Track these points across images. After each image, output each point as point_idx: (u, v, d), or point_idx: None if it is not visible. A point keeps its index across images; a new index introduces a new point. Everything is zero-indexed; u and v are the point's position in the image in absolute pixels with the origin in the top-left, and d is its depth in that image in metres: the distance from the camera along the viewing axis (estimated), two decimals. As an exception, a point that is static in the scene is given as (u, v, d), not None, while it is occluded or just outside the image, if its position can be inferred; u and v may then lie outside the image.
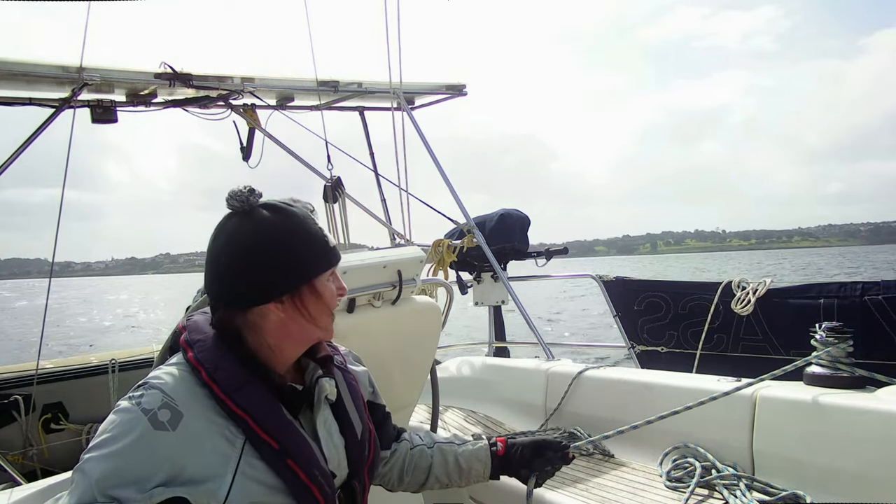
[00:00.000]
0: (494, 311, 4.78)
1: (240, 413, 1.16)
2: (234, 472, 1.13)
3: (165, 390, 1.14)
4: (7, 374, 3.58)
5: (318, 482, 1.21)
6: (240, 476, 1.13)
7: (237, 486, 1.12)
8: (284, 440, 1.18)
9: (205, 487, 1.10)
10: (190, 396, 1.15)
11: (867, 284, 3.39)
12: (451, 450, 1.61)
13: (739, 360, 3.75)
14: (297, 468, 1.18)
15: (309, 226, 1.27)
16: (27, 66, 3.25)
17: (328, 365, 1.37)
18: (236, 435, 1.15)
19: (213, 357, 1.20)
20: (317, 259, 1.27)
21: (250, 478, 1.14)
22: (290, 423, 1.21)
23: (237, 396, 1.16)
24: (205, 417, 1.14)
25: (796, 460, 2.05)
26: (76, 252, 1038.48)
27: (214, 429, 1.14)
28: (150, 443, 1.08)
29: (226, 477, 1.12)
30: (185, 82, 3.65)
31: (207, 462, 1.11)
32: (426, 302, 2.23)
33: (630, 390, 2.60)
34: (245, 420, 1.16)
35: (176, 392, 1.14)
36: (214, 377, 1.17)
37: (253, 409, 1.17)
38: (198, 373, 1.18)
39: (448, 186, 4.26)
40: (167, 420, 1.10)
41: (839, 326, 2.14)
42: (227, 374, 1.18)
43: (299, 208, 1.29)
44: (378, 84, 4.40)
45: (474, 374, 3.39)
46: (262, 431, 1.16)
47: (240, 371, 1.20)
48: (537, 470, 1.60)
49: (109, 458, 1.07)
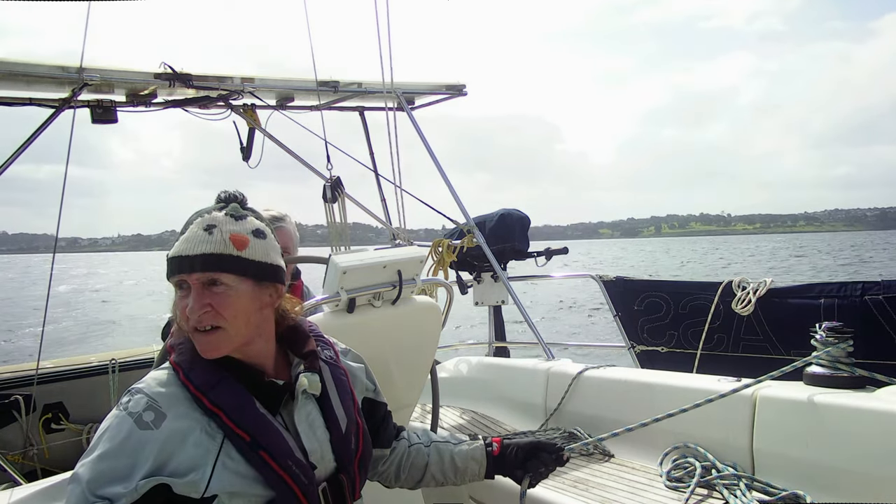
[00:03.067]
0: (494, 311, 4.78)
1: (214, 409, 1.22)
2: (213, 464, 1.20)
3: (149, 393, 1.23)
4: (7, 374, 3.59)
5: (293, 472, 1.25)
6: (219, 468, 1.20)
7: (216, 477, 1.19)
8: (256, 433, 1.23)
9: (187, 479, 1.17)
10: (172, 397, 1.23)
11: (867, 284, 3.39)
12: (447, 448, 1.64)
13: (740, 359, 3.75)
14: (270, 459, 1.23)
15: (186, 227, 1.29)
16: (27, 66, 3.25)
17: (311, 360, 1.40)
18: (216, 430, 1.22)
19: (189, 358, 1.28)
20: (168, 263, 1.28)
21: (229, 469, 1.21)
22: (263, 416, 1.26)
23: (211, 394, 1.24)
24: (186, 416, 1.22)
25: (796, 460, 2.05)
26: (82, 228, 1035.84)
27: (196, 425, 1.21)
28: (135, 441, 1.17)
29: (206, 469, 1.19)
30: (184, 82, 3.65)
31: (189, 456, 1.19)
32: (426, 302, 2.23)
33: (630, 390, 2.61)
34: (219, 416, 1.22)
35: (159, 395, 1.23)
36: (190, 377, 1.25)
37: (225, 405, 1.23)
38: (178, 374, 1.26)
39: (448, 186, 4.26)
40: (151, 420, 1.19)
41: (839, 326, 2.14)
42: (201, 373, 1.26)
43: (205, 210, 1.32)
44: (378, 84, 4.40)
45: (474, 374, 3.39)
46: (234, 425, 1.22)
47: (215, 370, 1.27)
48: (531, 471, 1.62)
49: (98, 462, 1.16)
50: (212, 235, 1.25)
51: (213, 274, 1.24)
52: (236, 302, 1.26)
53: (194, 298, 1.23)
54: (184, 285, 1.25)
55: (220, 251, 1.24)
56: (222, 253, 1.24)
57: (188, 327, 1.26)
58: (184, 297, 1.25)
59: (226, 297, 1.24)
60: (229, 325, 1.25)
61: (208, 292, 1.24)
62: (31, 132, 3.43)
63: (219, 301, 1.24)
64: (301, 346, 1.42)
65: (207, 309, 1.23)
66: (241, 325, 1.27)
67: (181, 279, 1.25)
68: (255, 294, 1.29)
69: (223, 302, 1.24)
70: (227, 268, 1.25)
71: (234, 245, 1.26)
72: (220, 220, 1.28)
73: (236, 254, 1.26)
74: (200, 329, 1.24)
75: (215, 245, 1.24)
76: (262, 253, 1.30)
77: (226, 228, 1.27)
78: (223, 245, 1.25)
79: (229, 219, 1.29)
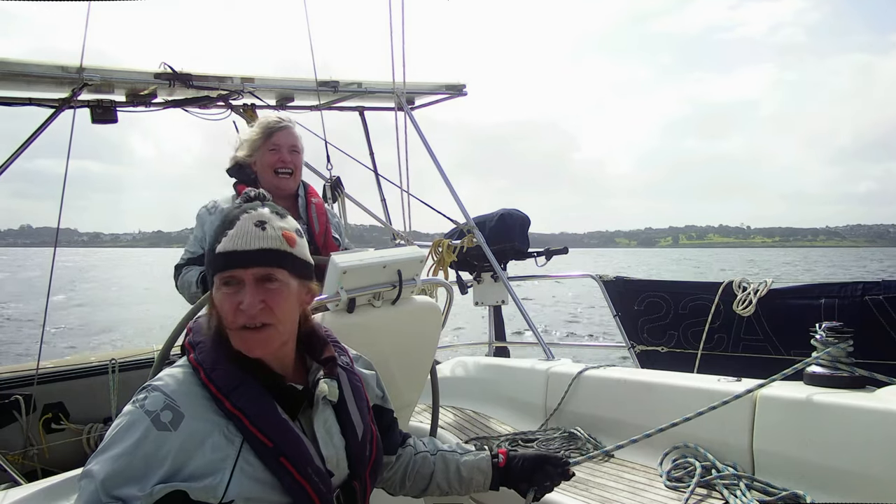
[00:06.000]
0: (494, 311, 4.78)
1: (235, 412, 1.19)
2: (232, 468, 1.16)
3: (167, 392, 1.18)
4: (7, 373, 3.58)
5: (312, 480, 1.23)
6: (237, 473, 1.16)
7: (235, 482, 1.15)
8: (278, 439, 1.20)
9: (204, 483, 1.13)
10: (191, 397, 1.19)
11: (868, 284, 3.39)
12: (453, 458, 1.63)
13: (740, 360, 3.75)
14: (291, 466, 1.21)
15: (220, 224, 1.26)
16: (27, 66, 3.25)
17: (330, 366, 1.37)
18: (235, 433, 1.19)
19: (211, 358, 1.24)
20: (209, 261, 1.26)
21: (247, 475, 1.17)
22: (285, 421, 1.23)
23: (233, 396, 1.20)
24: (205, 417, 1.18)
25: (796, 460, 2.05)
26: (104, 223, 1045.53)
27: (214, 428, 1.18)
28: (152, 443, 1.13)
29: (224, 473, 1.15)
30: (184, 82, 3.66)
31: (207, 459, 1.15)
32: (426, 302, 2.23)
33: (630, 390, 2.60)
34: (240, 419, 1.19)
35: (178, 393, 1.19)
36: (212, 377, 1.21)
37: (248, 409, 1.20)
38: (198, 373, 1.22)
39: (448, 186, 4.26)
40: (169, 421, 1.15)
41: (839, 326, 2.14)
42: (223, 374, 1.22)
43: (235, 206, 1.30)
44: (378, 84, 4.41)
45: (474, 374, 3.39)
46: (257, 430, 1.19)
47: (236, 371, 1.23)
48: (537, 484, 1.62)
49: (114, 460, 1.12)
50: (265, 231, 1.23)
51: (270, 269, 1.22)
52: (288, 299, 1.25)
53: (250, 294, 1.20)
54: (232, 282, 1.22)
55: (277, 247, 1.23)
56: (279, 249, 1.23)
57: (236, 324, 1.21)
58: (232, 294, 1.21)
59: (279, 293, 1.23)
60: (280, 321, 1.23)
61: (262, 288, 1.21)
62: (31, 132, 3.44)
63: (273, 298, 1.22)
64: (319, 351, 1.39)
65: (262, 305, 1.21)
66: (288, 322, 1.27)
67: (233, 274, 1.21)
68: (299, 292, 1.29)
69: (277, 298, 1.22)
70: (284, 264, 1.24)
71: (287, 242, 1.25)
72: (269, 216, 1.26)
73: (289, 250, 1.25)
74: (251, 326, 1.21)
75: (271, 241, 1.23)
76: (305, 251, 1.31)
77: (276, 225, 1.25)
78: (278, 241, 1.24)
79: (276, 216, 1.28)
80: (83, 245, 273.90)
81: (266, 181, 2.52)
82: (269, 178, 2.53)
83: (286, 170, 2.55)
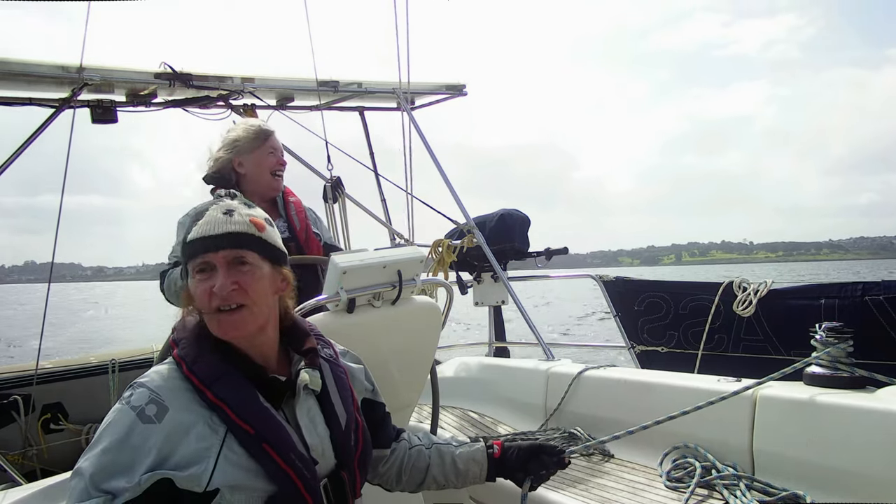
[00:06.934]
0: (494, 311, 4.77)
1: (218, 403, 1.23)
2: (216, 457, 1.19)
3: (151, 387, 1.23)
4: (7, 374, 3.58)
5: (296, 466, 1.25)
6: (222, 461, 1.20)
7: (219, 470, 1.19)
8: (259, 426, 1.24)
9: (189, 472, 1.17)
10: (175, 391, 1.23)
11: (868, 284, 3.39)
12: (448, 451, 1.64)
13: (740, 360, 3.74)
14: (273, 452, 1.23)
15: (192, 219, 1.33)
16: (27, 66, 3.25)
17: (311, 356, 1.41)
18: (219, 423, 1.22)
19: (192, 352, 1.28)
20: (182, 253, 1.32)
21: (231, 463, 1.21)
22: (266, 409, 1.27)
23: (215, 387, 1.24)
24: (189, 409, 1.22)
25: (796, 460, 2.05)
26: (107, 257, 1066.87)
27: (199, 419, 1.21)
28: (139, 436, 1.17)
29: (209, 462, 1.19)
30: (184, 82, 3.66)
31: (191, 449, 1.18)
32: (426, 302, 2.23)
33: (630, 390, 2.60)
34: (223, 409, 1.22)
35: (162, 388, 1.23)
36: (193, 370, 1.25)
37: (230, 399, 1.23)
38: (181, 367, 1.26)
39: (448, 186, 4.25)
40: (154, 414, 1.19)
41: (839, 326, 2.13)
42: (205, 366, 1.26)
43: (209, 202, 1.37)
44: (378, 84, 4.40)
45: (474, 375, 3.39)
46: (239, 419, 1.22)
47: (218, 363, 1.27)
48: (533, 473, 1.62)
49: (101, 455, 1.16)
50: (232, 217, 1.30)
51: (240, 251, 1.28)
52: (261, 281, 1.30)
53: (222, 276, 1.26)
54: (206, 268, 1.27)
55: (245, 230, 1.29)
56: (247, 232, 1.30)
57: (210, 308, 1.26)
58: (206, 280, 1.27)
59: (251, 275, 1.28)
60: (254, 303, 1.28)
61: (235, 271, 1.27)
62: (31, 132, 3.43)
63: (245, 279, 1.27)
64: (301, 343, 1.43)
65: (235, 287, 1.26)
66: (263, 305, 1.31)
67: (206, 260, 1.27)
68: (272, 277, 1.34)
69: (249, 280, 1.28)
70: (253, 246, 1.29)
71: (255, 226, 1.31)
72: (236, 205, 1.34)
73: (258, 234, 1.31)
74: (224, 308, 1.26)
75: (239, 225, 1.29)
76: (276, 238, 1.37)
77: (244, 212, 1.33)
78: (246, 226, 1.30)
79: (244, 206, 1.35)
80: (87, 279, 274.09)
81: (263, 182, 2.57)
82: (267, 179, 2.59)
83: (281, 172, 2.63)
